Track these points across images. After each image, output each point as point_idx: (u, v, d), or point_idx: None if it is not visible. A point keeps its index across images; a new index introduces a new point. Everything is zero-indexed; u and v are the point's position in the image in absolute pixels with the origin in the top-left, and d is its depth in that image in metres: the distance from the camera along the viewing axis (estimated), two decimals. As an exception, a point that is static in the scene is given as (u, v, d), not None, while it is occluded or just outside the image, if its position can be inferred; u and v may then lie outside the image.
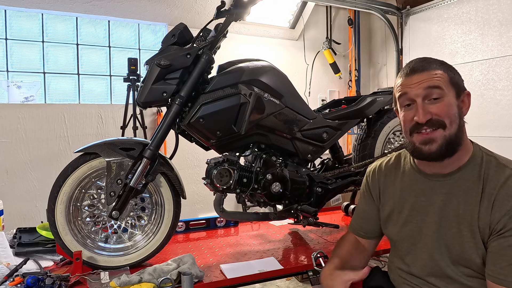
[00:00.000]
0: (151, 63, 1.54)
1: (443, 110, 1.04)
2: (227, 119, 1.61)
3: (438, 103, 1.05)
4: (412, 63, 1.12)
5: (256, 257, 1.70)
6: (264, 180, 1.69)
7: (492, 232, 1.00)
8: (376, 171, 1.30)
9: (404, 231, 1.17)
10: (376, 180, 1.29)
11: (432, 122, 1.04)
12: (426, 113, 1.04)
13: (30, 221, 2.87)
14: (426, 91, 1.05)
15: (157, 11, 3.35)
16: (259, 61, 1.77)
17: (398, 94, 1.12)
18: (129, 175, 1.52)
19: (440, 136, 1.04)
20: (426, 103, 1.06)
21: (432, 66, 1.09)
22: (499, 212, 0.99)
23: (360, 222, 1.34)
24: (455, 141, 1.05)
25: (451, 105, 1.05)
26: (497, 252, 0.99)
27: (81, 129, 3.17)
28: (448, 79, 1.07)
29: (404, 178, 1.21)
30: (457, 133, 1.06)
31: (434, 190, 1.12)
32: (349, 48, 4.32)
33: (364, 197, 1.34)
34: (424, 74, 1.07)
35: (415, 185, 1.17)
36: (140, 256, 1.59)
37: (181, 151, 2.01)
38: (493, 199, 1.01)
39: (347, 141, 4.26)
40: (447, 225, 1.08)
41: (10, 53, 3.05)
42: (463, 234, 1.04)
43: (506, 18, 2.90)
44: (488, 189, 1.02)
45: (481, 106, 3.03)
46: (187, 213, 2.66)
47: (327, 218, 2.35)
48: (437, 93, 1.05)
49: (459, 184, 1.08)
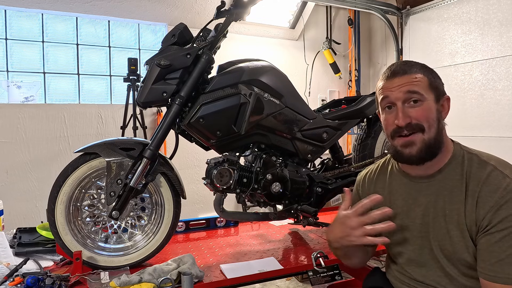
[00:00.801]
0: (151, 63, 1.54)
1: (422, 115, 1.06)
2: (227, 119, 1.61)
3: (417, 107, 1.07)
4: (394, 66, 1.14)
5: (256, 257, 1.70)
6: (264, 180, 1.69)
7: (479, 229, 1.01)
8: (366, 179, 1.31)
9: (396, 236, 1.17)
10: (367, 189, 1.29)
11: (412, 126, 1.07)
12: (405, 117, 1.07)
13: (30, 221, 2.87)
14: (406, 95, 1.07)
15: (157, 11, 3.35)
16: (259, 61, 1.77)
17: (380, 97, 1.14)
18: (129, 175, 1.52)
19: (419, 140, 1.06)
20: (406, 107, 1.08)
21: (412, 69, 1.10)
22: (483, 209, 1.00)
23: None
24: (434, 145, 1.07)
25: (430, 109, 1.07)
26: (485, 249, 0.99)
27: (81, 129, 3.17)
28: (428, 83, 1.08)
29: (392, 182, 1.22)
30: (436, 137, 1.07)
31: (420, 192, 1.13)
32: (349, 48, 4.32)
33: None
34: (404, 78, 1.09)
35: (402, 189, 1.18)
36: (140, 256, 1.59)
37: (181, 151, 2.01)
38: (476, 195, 1.02)
39: (347, 141, 4.26)
40: (436, 225, 1.08)
41: (10, 53, 3.05)
42: (452, 233, 1.05)
43: (506, 18, 2.90)
44: (472, 187, 1.04)
45: (481, 106, 3.03)
46: (187, 213, 2.66)
47: (327, 218, 2.35)
48: (417, 97, 1.07)
49: (443, 184, 1.09)
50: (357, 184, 1.34)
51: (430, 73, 1.11)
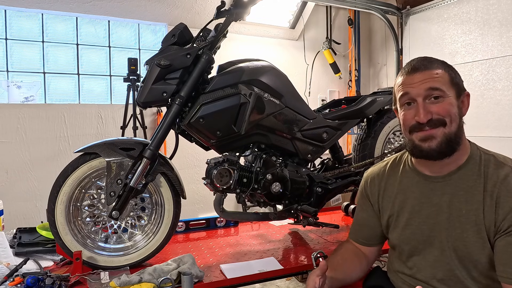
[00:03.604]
0: (151, 63, 1.54)
1: (444, 109, 1.04)
2: (227, 119, 1.61)
3: (439, 102, 1.05)
4: (414, 61, 1.12)
5: (256, 257, 1.70)
6: (264, 180, 1.69)
7: (498, 230, 1.00)
8: (374, 176, 1.28)
9: (405, 234, 1.16)
10: (375, 186, 1.26)
11: (433, 121, 1.04)
12: (427, 113, 1.04)
13: (30, 221, 2.87)
14: (428, 91, 1.05)
15: (157, 11, 3.35)
16: (259, 61, 1.77)
17: (399, 94, 1.11)
18: (129, 175, 1.52)
19: (441, 134, 1.04)
20: (427, 103, 1.06)
21: (433, 65, 1.08)
22: (503, 210, 0.99)
23: (360, 229, 1.31)
24: (454, 140, 1.05)
25: (451, 105, 1.05)
26: (505, 251, 0.98)
27: (81, 129, 3.17)
28: (449, 79, 1.07)
29: (403, 180, 1.19)
30: (457, 132, 1.06)
31: (434, 191, 1.11)
32: (349, 48, 4.32)
33: (362, 204, 1.31)
34: (425, 73, 1.06)
35: (414, 187, 1.16)
36: (140, 256, 1.59)
37: (181, 151, 2.01)
38: (495, 196, 1.01)
39: (347, 141, 4.26)
40: (450, 226, 1.07)
41: (10, 53, 3.05)
42: (468, 234, 1.03)
43: (506, 18, 2.90)
44: (489, 187, 1.02)
45: (481, 106, 3.03)
46: (187, 213, 2.66)
47: (327, 218, 2.35)
48: (438, 93, 1.04)
49: (459, 184, 1.07)
50: (365, 181, 1.31)
51: (451, 69, 1.09)
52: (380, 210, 1.24)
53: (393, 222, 1.20)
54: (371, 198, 1.27)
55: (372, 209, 1.27)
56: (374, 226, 1.27)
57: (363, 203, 1.31)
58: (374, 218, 1.27)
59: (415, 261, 1.14)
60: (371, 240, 1.29)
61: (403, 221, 1.16)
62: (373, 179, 1.28)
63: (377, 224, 1.27)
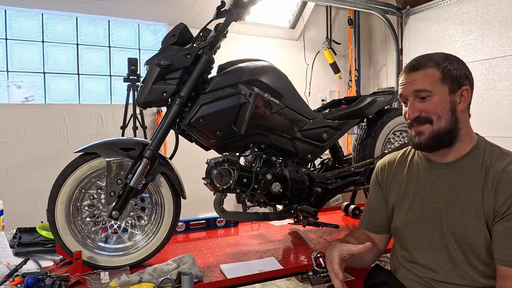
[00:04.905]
0: (151, 63, 1.54)
1: (430, 108, 1.12)
2: (227, 119, 1.61)
3: (426, 101, 1.12)
4: (412, 60, 1.18)
5: (256, 257, 1.70)
6: (264, 180, 1.69)
7: (496, 215, 1.04)
8: (386, 163, 1.34)
9: (407, 217, 1.20)
10: (385, 171, 1.32)
11: (420, 119, 1.13)
12: (414, 112, 1.14)
13: (30, 221, 2.88)
14: (414, 93, 1.13)
15: (157, 11, 3.35)
16: (259, 61, 1.77)
17: (399, 93, 1.20)
18: (129, 175, 1.52)
19: (428, 130, 1.13)
20: (417, 101, 1.14)
21: (427, 65, 1.13)
22: (503, 195, 1.03)
23: (369, 216, 1.36)
24: (444, 134, 1.12)
25: (439, 103, 1.11)
26: (503, 235, 1.02)
27: (81, 129, 3.17)
28: (440, 77, 1.11)
29: (412, 166, 1.25)
30: (447, 127, 1.11)
31: (439, 177, 1.16)
32: (349, 48, 4.32)
33: (373, 190, 1.37)
34: (414, 75, 1.14)
35: (421, 173, 1.21)
36: (140, 256, 1.59)
37: (181, 151, 2.01)
38: (496, 182, 1.05)
39: (347, 141, 4.26)
40: (450, 210, 1.11)
41: (10, 53, 3.05)
42: (466, 218, 1.07)
43: (506, 18, 2.90)
44: (491, 174, 1.07)
45: (481, 106, 3.03)
46: (187, 213, 2.66)
47: (327, 218, 2.35)
48: (424, 94, 1.12)
49: (462, 171, 1.12)
50: (377, 170, 1.37)
51: (449, 64, 1.13)
52: (388, 194, 1.30)
53: (397, 205, 1.25)
54: (381, 183, 1.33)
55: (382, 195, 1.32)
56: (383, 211, 1.31)
57: (374, 190, 1.36)
58: (383, 203, 1.32)
59: (416, 244, 1.18)
60: (381, 227, 1.33)
61: (407, 204, 1.22)
62: (384, 166, 1.34)
63: (385, 209, 1.31)
